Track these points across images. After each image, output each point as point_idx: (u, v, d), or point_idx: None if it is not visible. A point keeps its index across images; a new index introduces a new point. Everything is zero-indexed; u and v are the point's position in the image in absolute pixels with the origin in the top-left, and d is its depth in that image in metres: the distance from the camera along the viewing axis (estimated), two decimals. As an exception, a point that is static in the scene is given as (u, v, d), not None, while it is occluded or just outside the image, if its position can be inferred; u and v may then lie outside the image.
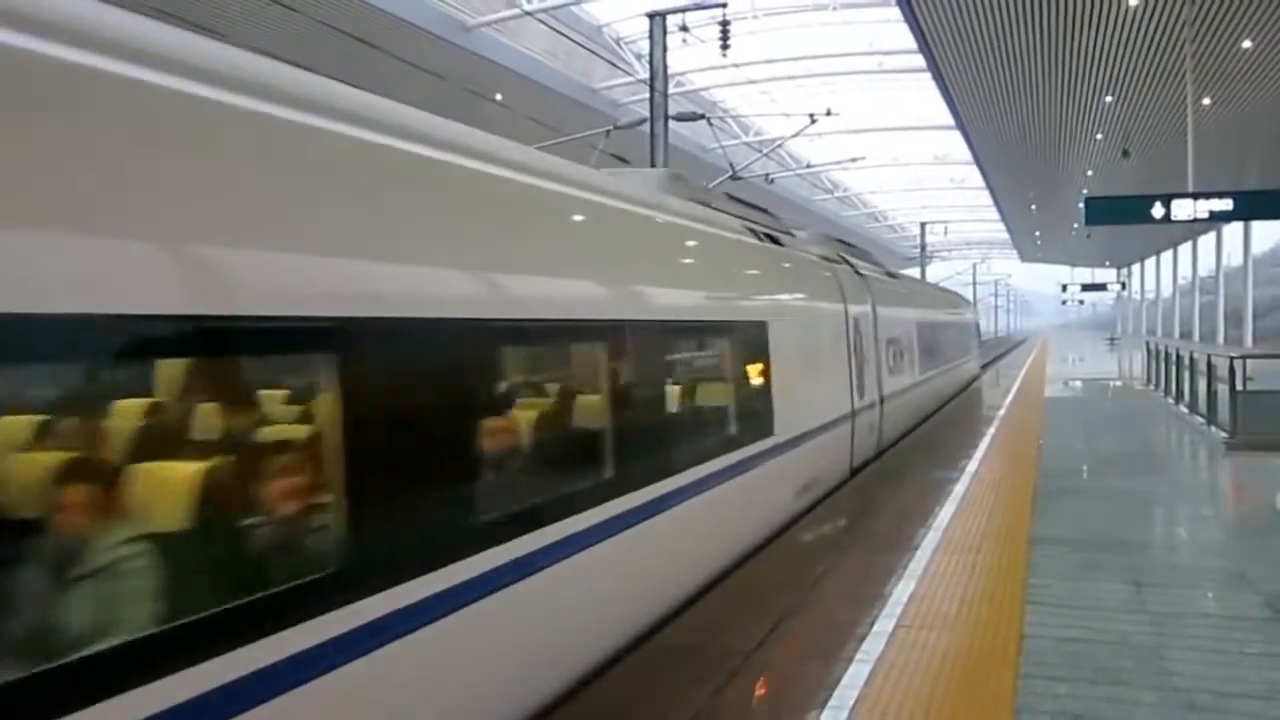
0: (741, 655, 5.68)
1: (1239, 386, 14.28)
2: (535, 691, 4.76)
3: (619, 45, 31.74)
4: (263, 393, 3.68)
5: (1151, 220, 17.58)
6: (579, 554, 4.93)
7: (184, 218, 2.91)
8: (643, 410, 6.06)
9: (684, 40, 20.87)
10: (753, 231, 9.88)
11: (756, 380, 8.67)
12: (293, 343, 3.33)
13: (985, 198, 56.90)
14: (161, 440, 3.26)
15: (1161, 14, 20.49)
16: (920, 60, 27.06)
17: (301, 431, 3.52)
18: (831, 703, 4.98)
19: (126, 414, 3.26)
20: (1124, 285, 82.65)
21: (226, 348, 3.16)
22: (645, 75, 21.10)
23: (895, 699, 5.01)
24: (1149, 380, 25.70)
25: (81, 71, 2.78)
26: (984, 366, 37.96)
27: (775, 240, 10.58)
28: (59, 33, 2.76)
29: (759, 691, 5.23)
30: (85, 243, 2.58)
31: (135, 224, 2.74)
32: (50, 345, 2.54)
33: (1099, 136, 32.94)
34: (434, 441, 3.92)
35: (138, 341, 2.79)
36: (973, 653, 5.66)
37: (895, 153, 53.50)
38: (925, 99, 36.54)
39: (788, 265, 10.84)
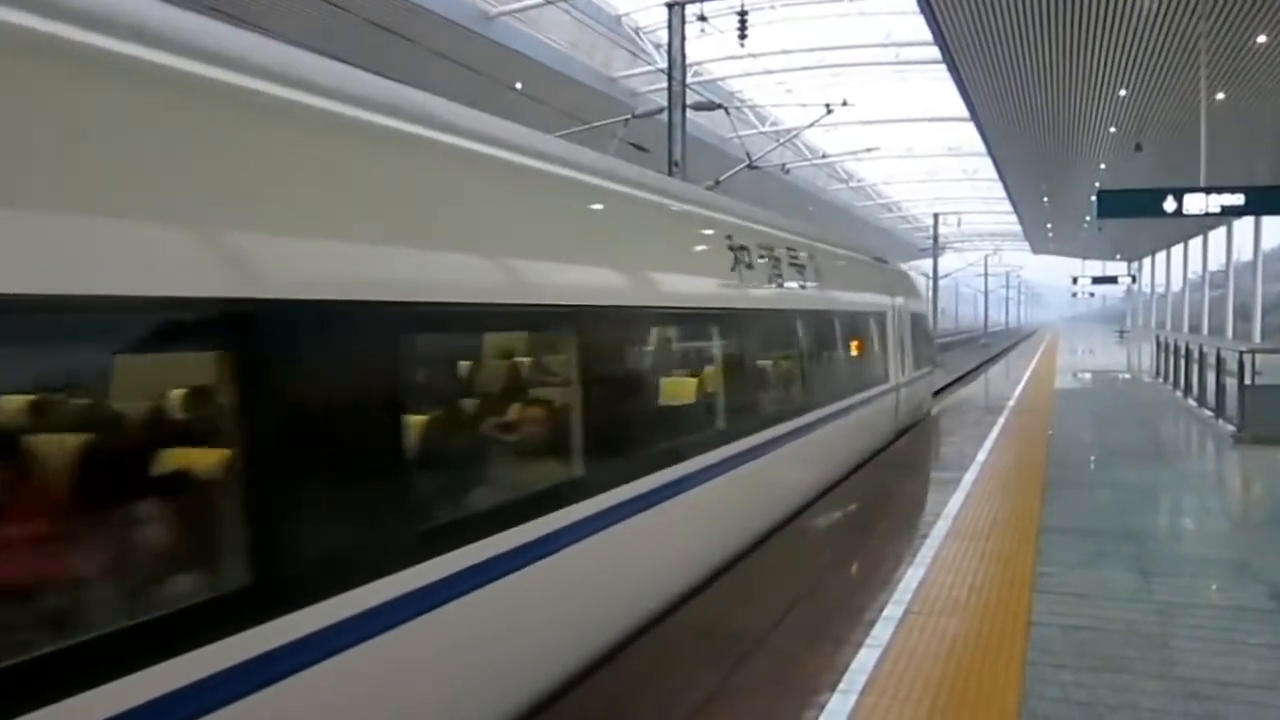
0: (755, 637, 5.73)
1: (1247, 381, 14.24)
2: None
3: (638, 35, 31.66)
4: None
5: (1163, 214, 17.49)
6: None
7: None
8: None
9: (702, 30, 20.75)
10: None
11: None
12: None
13: (998, 189, 56.55)
14: None
15: (1177, 9, 20.30)
16: (935, 52, 26.90)
17: None
18: (841, 686, 5.03)
19: None
20: (1134, 279, 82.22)
21: None
22: (664, 65, 21.05)
23: (904, 683, 5.05)
24: (1158, 373, 25.60)
25: None
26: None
27: None
28: None
29: (771, 673, 5.27)
30: None
31: None
32: None
33: (1112, 130, 32.68)
34: None
35: None
36: (980, 639, 5.70)
37: (909, 144, 53.26)
38: (940, 91, 36.43)
39: None
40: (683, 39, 19.75)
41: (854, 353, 12.54)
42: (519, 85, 25.34)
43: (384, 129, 4.17)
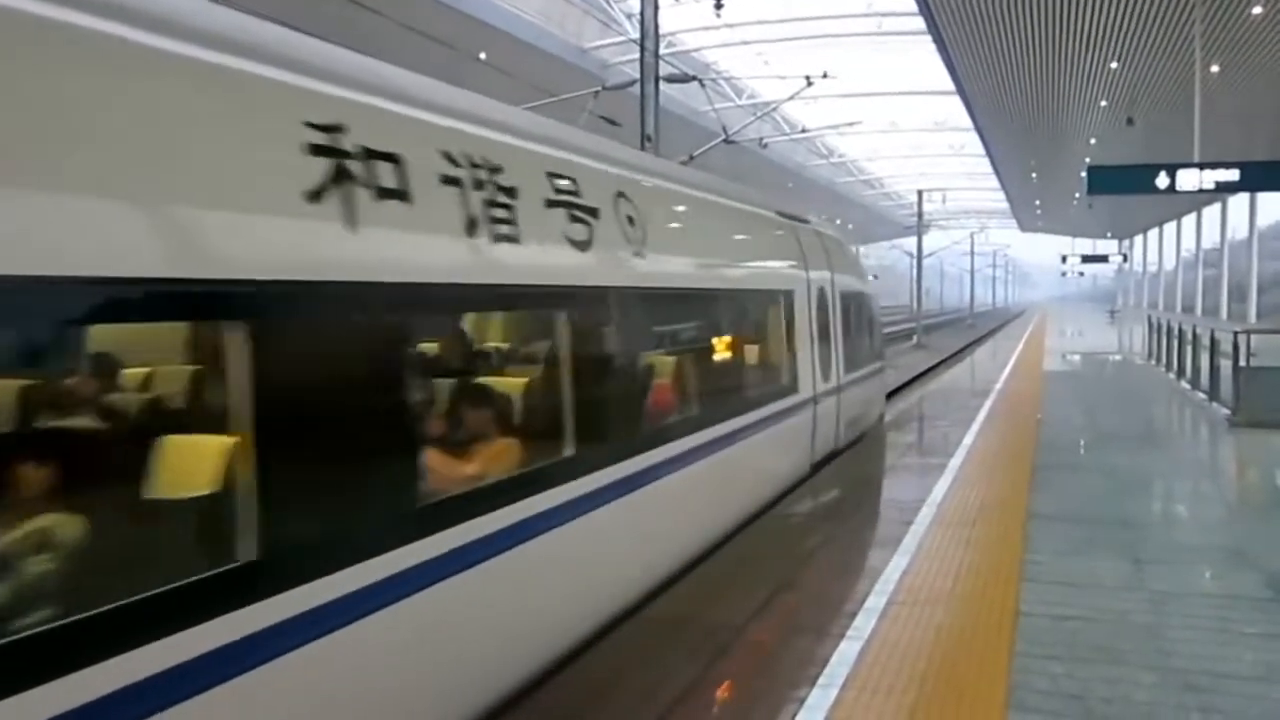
0: (732, 630, 5.72)
1: (1242, 362, 14.34)
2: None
3: (609, 4, 31.48)
4: None
5: (1156, 191, 17.63)
6: None
7: None
8: None
9: (676, -2, 20.68)
10: None
11: None
12: None
13: (985, 165, 56.81)
14: None
15: (1170, -23, 20.42)
16: (920, 22, 26.89)
17: None
18: (822, 680, 5.01)
19: None
20: (1125, 257, 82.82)
21: None
22: (636, 35, 20.93)
23: (887, 676, 5.04)
24: (1150, 355, 25.80)
25: None
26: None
27: None
28: None
29: (749, 666, 5.26)
30: None
31: None
32: None
33: (1103, 103, 32.81)
34: None
35: None
36: (967, 630, 5.70)
37: (893, 118, 53.36)
38: (925, 62, 36.42)
39: None
40: (655, 8, 19.64)
41: (717, 356, 8.57)
42: (483, 56, 25.12)
43: None
